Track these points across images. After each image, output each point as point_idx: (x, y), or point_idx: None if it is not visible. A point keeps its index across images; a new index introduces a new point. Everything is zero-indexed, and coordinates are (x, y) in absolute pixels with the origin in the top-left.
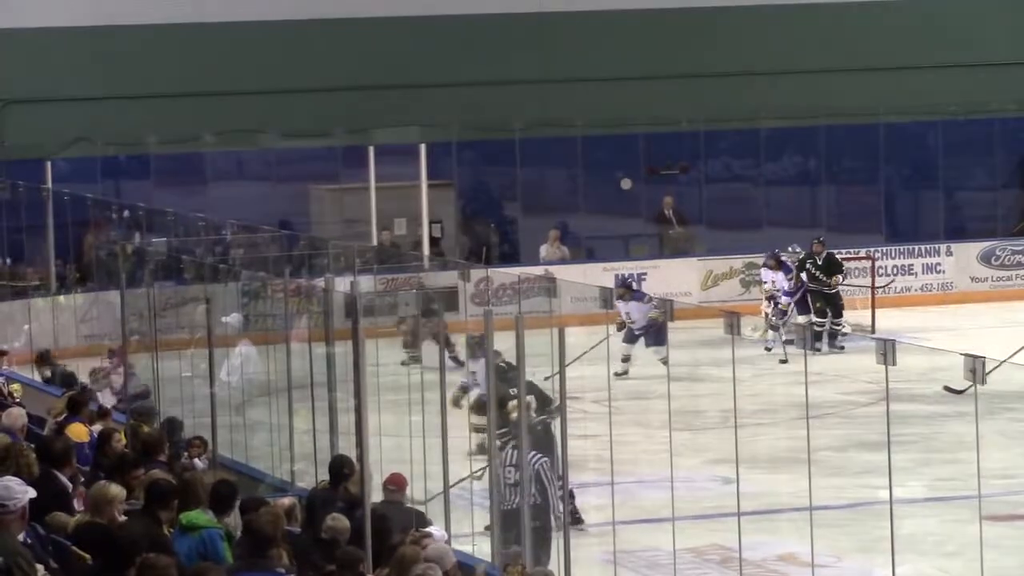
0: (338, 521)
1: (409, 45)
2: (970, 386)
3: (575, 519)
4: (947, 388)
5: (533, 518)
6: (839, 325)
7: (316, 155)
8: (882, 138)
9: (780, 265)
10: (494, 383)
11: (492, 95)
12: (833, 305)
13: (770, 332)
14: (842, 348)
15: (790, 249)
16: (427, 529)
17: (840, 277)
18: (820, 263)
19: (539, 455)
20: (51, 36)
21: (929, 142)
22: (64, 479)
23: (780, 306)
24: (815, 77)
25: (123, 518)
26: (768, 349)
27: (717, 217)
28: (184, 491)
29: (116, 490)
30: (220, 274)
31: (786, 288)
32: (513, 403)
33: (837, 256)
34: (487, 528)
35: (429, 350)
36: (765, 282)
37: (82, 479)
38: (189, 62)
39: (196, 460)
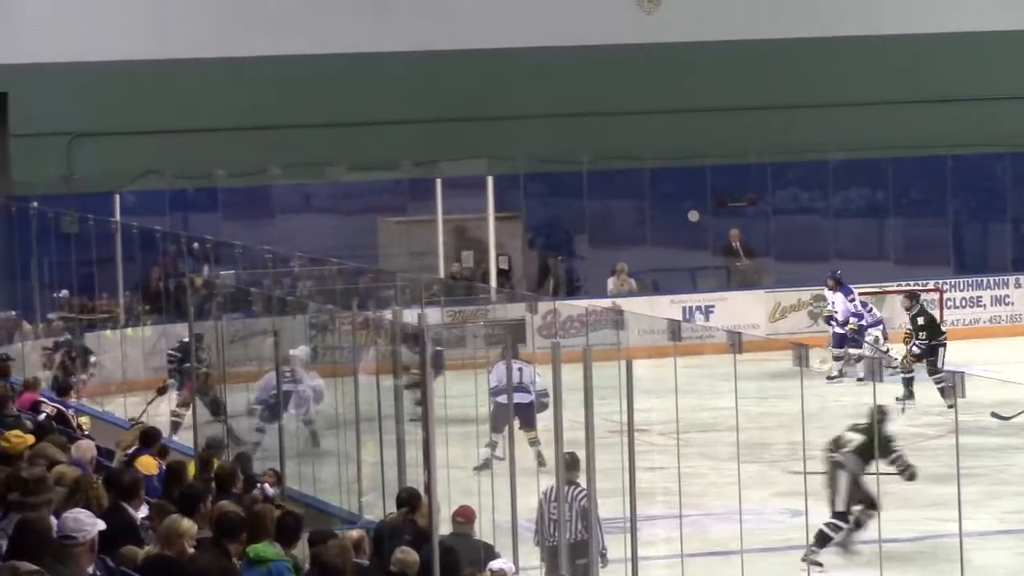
0: (407, 555)
1: (476, 78)
2: (1019, 412)
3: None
4: (994, 414)
5: (579, 555)
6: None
7: (383, 187)
8: (949, 169)
9: (839, 286)
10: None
11: (559, 127)
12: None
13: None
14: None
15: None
16: (494, 563)
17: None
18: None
19: (580, 489)
20: (119, 69)
21: (997, 173)
22: (132, 511)
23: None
24: (883, 108)
25: (191, 551)
26: (831, 379)
27: (785, 249)
28: (253, 523)
29: (188, 524)
30: (288, 306)
31: (851, 309)
32: None
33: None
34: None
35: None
36: (828, 302)
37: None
38: (257, 95)
39: (267, 486)
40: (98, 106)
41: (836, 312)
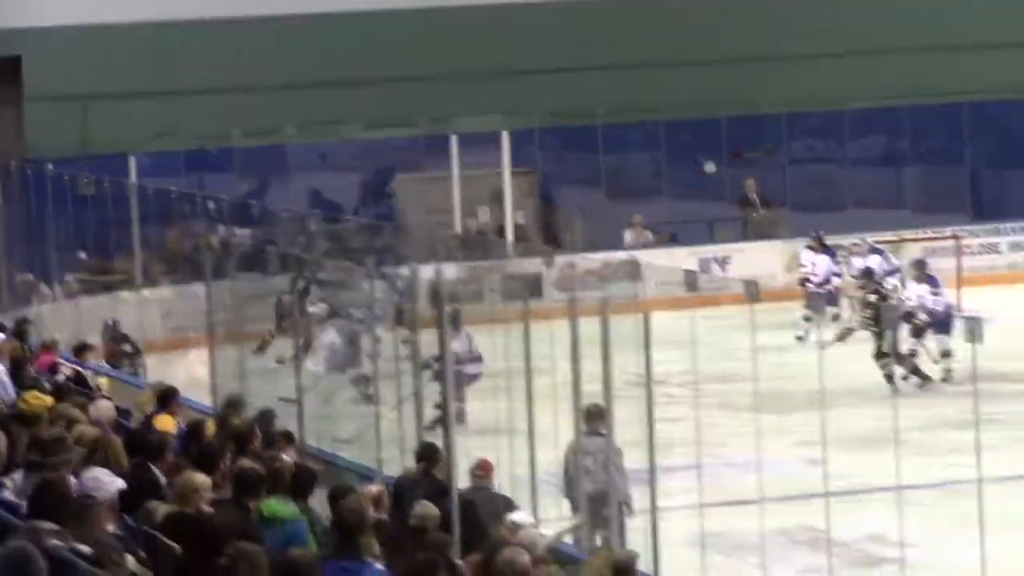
0: (427, 508)
1: (491, 33)
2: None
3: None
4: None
5: (605, 504)
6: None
7: (399, 145)
8: (967, 117)
9: (824, 247)
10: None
11: (574, 81)
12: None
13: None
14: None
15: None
16: (514, 515)
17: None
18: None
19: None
20: (131, 32)
21: (1014, 120)
22: (158, 472)
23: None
24: (898, 57)
25: (209, 509)
26: (799, 338)
27: (801, 199)
28: (273, 480)
29: (201, 479)
30: (304, 265)
31: (834, 270)
32: None
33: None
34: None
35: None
36: (803, 265)
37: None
38: (271, 54)
39: (283, 455)
40: (112, 69)
41: (815, 274)
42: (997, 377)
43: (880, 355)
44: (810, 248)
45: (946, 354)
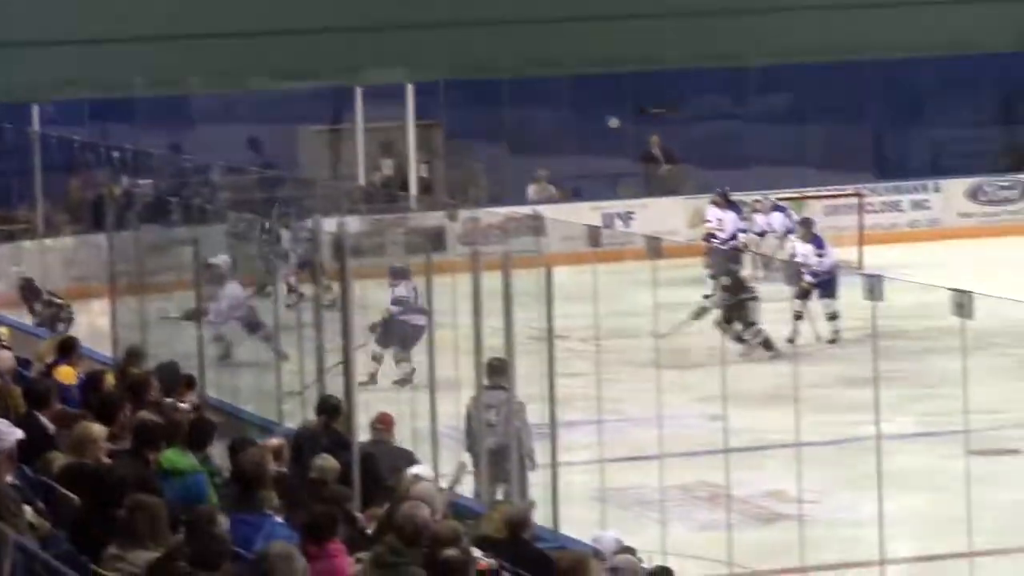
0: (327, 461)
1: None
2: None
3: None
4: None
5: (507, 457)
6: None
7: (304, 96)
8: (869, 76)
9: (729, 203)
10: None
11: (479, 35)
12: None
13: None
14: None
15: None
16: (414, 468)
17: None
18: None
19: (516, 397)
20: None
21: (916, 79)
22: (46, 420)
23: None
24: (801, 14)
25: (107, 459)
26: (706, 297)
27: (704, 156)
28: (172, 432)
29: (98, 429)
30: (207, 216)
31: (741, 225)
32: None
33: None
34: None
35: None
36: (709, 221)
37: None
38: (176, 4)
39: (181, 403)
40: (15, 17)
41: (721, 230)
42: (897, 334)
43: (728, 320)
44: (715, 204)
45: (832, 317)
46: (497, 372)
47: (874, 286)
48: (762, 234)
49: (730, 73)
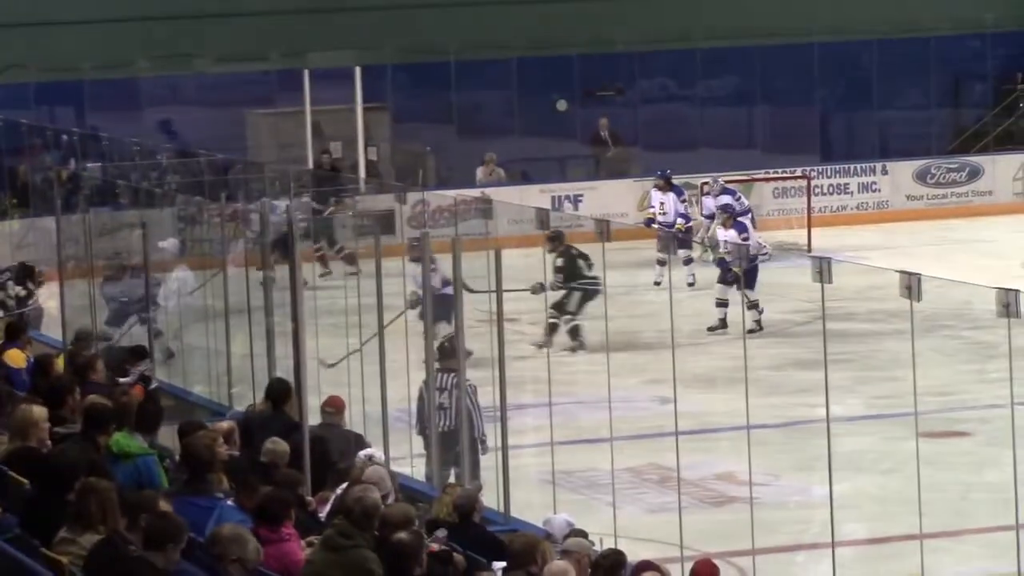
0: (277, 445)
1: None
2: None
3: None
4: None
5: (458, 441)
6: None
7: (251, 79)
8: (817, 58)
9: (671, 186)
10: (431, 305)
11: (426, 17)
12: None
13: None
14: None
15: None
16: (364, 451)
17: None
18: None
19: (467, 379)
20: None
21: (864, 62)
22: None
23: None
24: None
25: (49, 442)
26: (657, 283)
27: (653, 138)
28: (120, 415)
29: (39, 411)
30: (156, 199)
31: (681, 210)
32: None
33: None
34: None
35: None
36: (652, 206)
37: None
38: None
39: (125, 376)
40: None
41: (665, 213)
42: (846, 317)
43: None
44: (657, 188)
45: (752, 306)
46: (448, 355)
47: (823, 268)
48: (711, 217)
49: (678, 55)
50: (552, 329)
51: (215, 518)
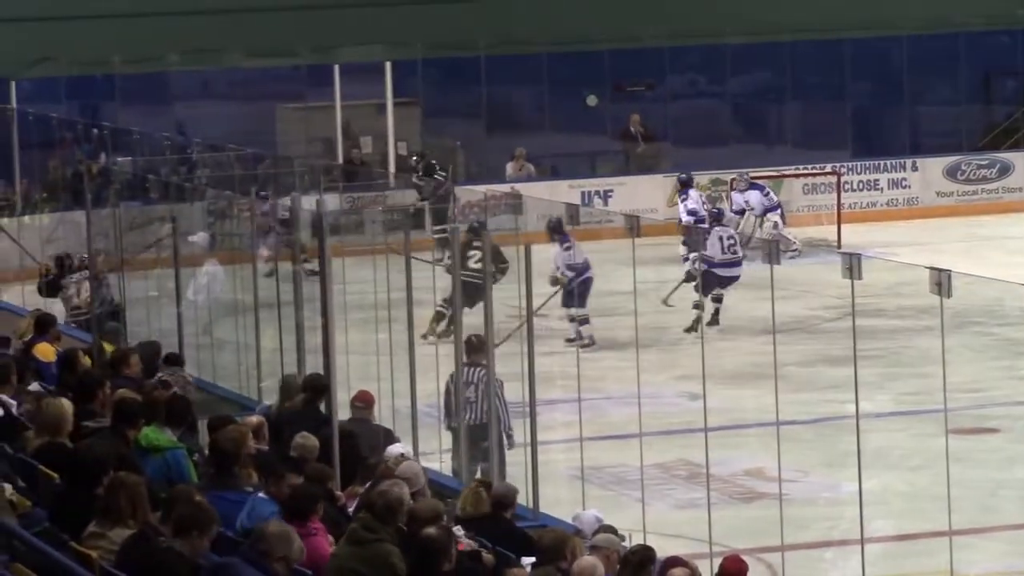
0: (307, 439)
1: None
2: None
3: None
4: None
5: (486, 436)
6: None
7: (281, 74)
8: (848, 53)
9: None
10: (460, 299)
11: (457, 12)
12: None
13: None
14: None
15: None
16: (393, 447)
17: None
18: None
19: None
20: None
21: (894, 57)
22: (6, 397)
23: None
24: None
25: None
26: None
27: (683, 134)
28: (150, 410)
29: (66, 405)
30: (186, 193)
31: (692, 207)
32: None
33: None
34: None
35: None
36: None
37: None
38: None
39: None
40: None
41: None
42: (875, 313)
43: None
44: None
45: (717, 299)
46: (475, 350)
47: (853, 264)
48: (740, 212)
49: (708, 51)
50: (439, 318)
51: (247, 509)
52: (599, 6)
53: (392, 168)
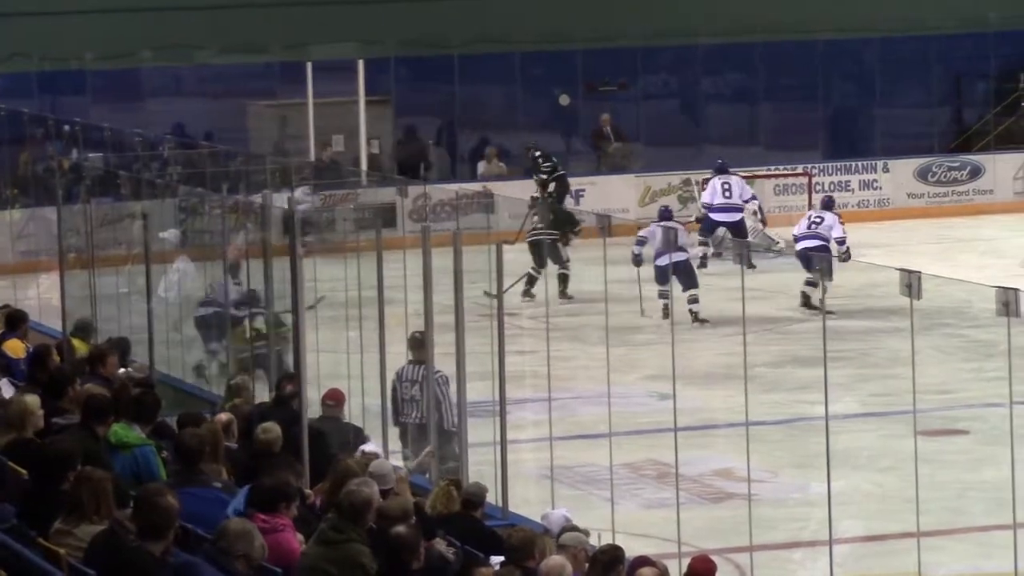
0: (269, 432)
1: None
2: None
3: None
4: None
5: (430, 433)
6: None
7: (253, 71)
8: (820, 55)
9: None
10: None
11: (430, 10)
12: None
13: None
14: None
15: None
16: (364, 446)
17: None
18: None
19: (438, 370)
20: None
21: (866, 59)
22: None
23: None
24: None
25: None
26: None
27: (655, 134)
28: (119, 406)
29: (32, 399)
30: (157, 190)
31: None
32: None
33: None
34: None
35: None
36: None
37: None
38: None
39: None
40: None
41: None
42: (845, 314)
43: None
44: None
45: (693, 300)
46: (418, 346)
47: (823, 266)
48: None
49: (681, 51)
50: (531, 281)
51: (232, 510)
52: (572, 6)
53: (364, 167)
